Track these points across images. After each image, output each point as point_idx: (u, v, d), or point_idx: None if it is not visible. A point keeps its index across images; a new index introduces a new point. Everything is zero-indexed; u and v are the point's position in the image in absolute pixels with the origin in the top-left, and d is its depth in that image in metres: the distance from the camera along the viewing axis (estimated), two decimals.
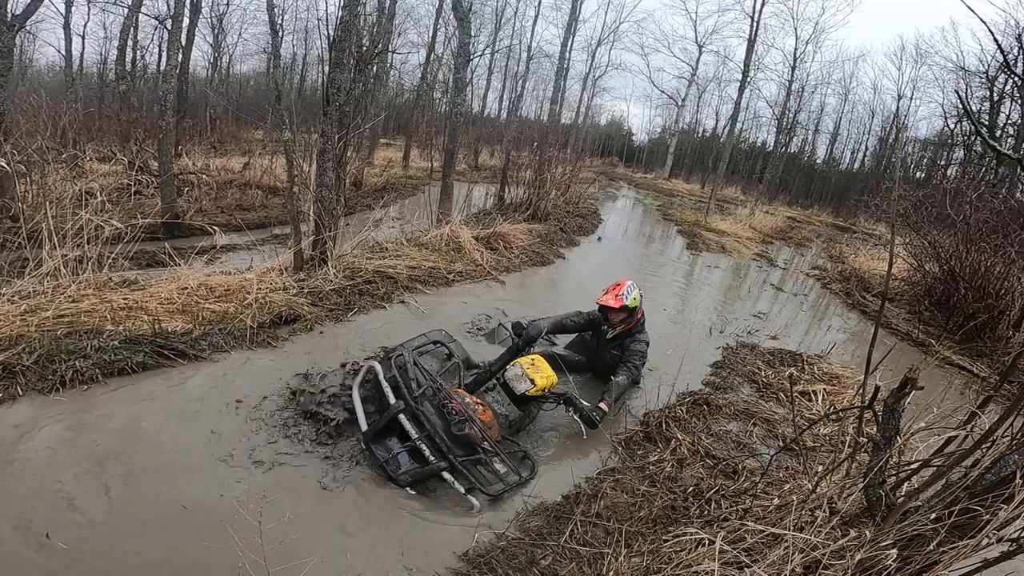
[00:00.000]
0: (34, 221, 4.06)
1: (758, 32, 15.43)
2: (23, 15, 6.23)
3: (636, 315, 3.86)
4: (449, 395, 2.73)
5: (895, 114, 24.86)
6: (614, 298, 3.79)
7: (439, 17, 19.59)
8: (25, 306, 3.44)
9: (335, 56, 4.82)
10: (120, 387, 3.03)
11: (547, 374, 3.11)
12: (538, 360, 3.19)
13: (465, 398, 2.81)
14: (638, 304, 3.85)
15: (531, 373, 3.06)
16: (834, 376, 4.57)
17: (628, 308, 3.78)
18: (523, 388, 3.03)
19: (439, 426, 2.61)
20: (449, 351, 3.31)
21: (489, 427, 2.74)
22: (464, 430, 2.60)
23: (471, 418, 2.66)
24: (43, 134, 5.81)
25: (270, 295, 4.28)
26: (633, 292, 3.82)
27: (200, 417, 2.89)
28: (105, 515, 2.18)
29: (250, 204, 8.57)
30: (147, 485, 2.37)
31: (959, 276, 6.76)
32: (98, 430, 2.67)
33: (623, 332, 3.87)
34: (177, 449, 2.63)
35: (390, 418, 2.61)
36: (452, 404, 2.67)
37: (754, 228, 13.88)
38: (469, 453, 2.61)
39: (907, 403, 1.87)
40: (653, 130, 38.12)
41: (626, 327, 3.85)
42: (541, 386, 3.06)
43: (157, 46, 16.71)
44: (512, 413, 3.07)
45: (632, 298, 3.79)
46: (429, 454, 2.52)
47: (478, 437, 2.63)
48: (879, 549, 1.50)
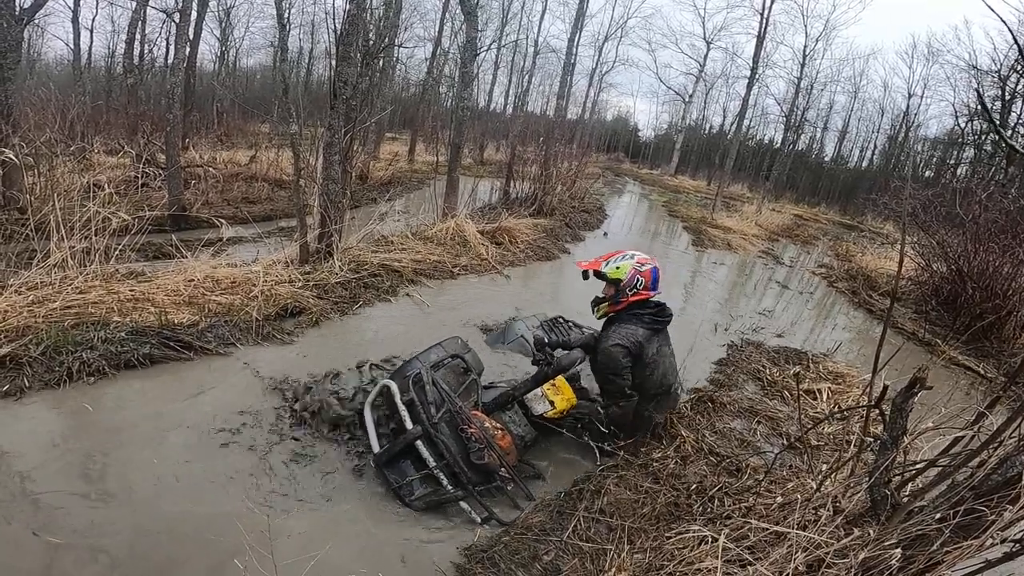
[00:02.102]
0: (42, 213, 4.08)
1: (767, 29, 15.32)
2: (31, 8, 6.27)
3: (624, 293, 2.96)
4: (468, 419, 2.59)
5: (905, 112, 24.67)
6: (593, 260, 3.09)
7: (445, 11, 19.58)
8: (32, 297, 3.46)
9: (342, 50, 4.82)
10: (127, 379, 3.05)
11: (567, 395, 2.95)
12: (559, 381, 2.99)
13: (484, 422, 2.67)
14: (620, 277, 2.93)
15: (551, 395, 2.91)
16: (839, 375, 4.55)
17: (605, 276, 2.97)
18: (542, 410, 2.91)
19: (456, 451, 2.50)
20: (466, 364, 3.09)
21: (508, 453, 2.63)
22: (484, 459, 2.47)
23: (490, 444, 2.53)
24: (51, 127, 5.84)
25: (276, 288, 4.30)
26: (621, 262, 2.96)
27: (206, 411, 2.91)
28: (112, 509, 2.20)
29: (256, 197, 8.60)
30: (153, 479, 2.39)
31: (967, 276, 6.71)
32: (104, 422, 2.70)
33: (609, 313, 3.07)
34: (183, 444, 2.65)
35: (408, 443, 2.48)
36: (471, 430, 2.53)
37: (760, 225, 13.82)
38: (486, 481, 2.52)
39: (914, 403, 1.86)
40: (659, 126, 37.99)
41: (612, 307, 3.02)
42: (561, 408, 2.91)
43: (165, 40, 16.77)
44: (528, 434, 2.93)
45: (615, 267, 2.95)
46: (447, 483, 2.42)
47: (497, 465, 2.52)
48: (883, 548, 1.50)
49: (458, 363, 3.05)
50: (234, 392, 3.09)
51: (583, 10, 16.81)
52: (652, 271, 2.98)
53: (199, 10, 11.60)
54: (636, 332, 2.91)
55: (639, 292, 2.95)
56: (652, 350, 2.98)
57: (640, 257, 2.99)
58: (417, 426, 2.50)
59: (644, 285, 2.95)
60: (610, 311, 3.03)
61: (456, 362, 3.04)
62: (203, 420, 2.81)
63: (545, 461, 3.04)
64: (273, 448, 2.70)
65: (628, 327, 2.93)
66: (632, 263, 2.94)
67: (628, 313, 2.97)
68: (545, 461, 3.04)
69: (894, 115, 25.92)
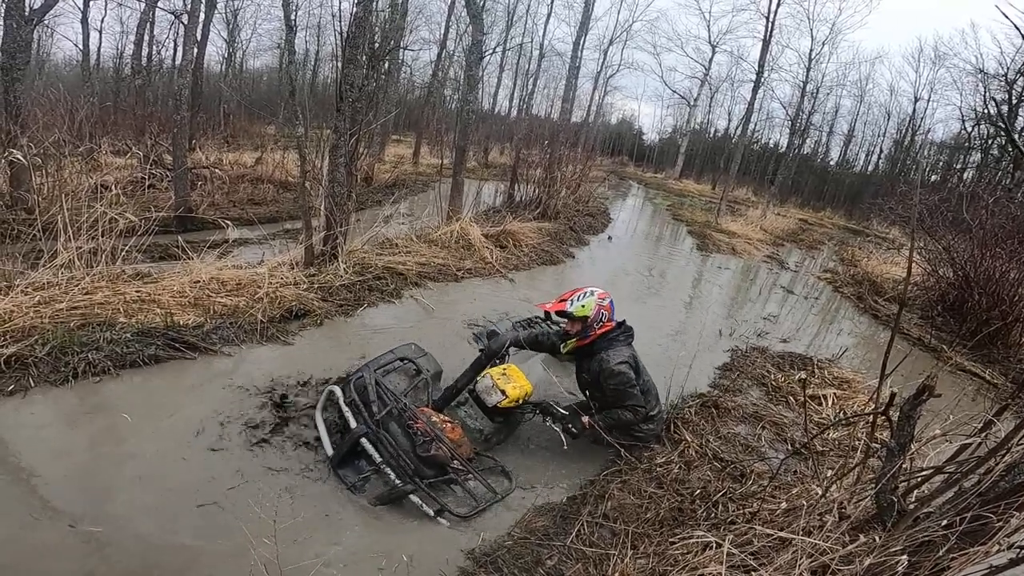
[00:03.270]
0: (49, 213, 4.10)
1: (773, 32, 15.28)
2: (41, 9, 6.32)
3: (591, 328, 3.14)
4: (414, 415, 2.65)
5: (911, 116, 24.58)
6: (555, 302, 3.22)
7: (451, 14, 19.60)
8: (39, 298, 3.48)
9: (349, 53, 4.83)
10: (132, 379, 3.06)
11: (520, 383, 2.98)
12: (511, 370, 3.05)
13: (432, 416, 2.73)
14: (587, 314, 3.08)
15: (502, 384, 2.93)
16: (845, 380, 4.53)
17: (570, 315, 3.10)
18: (494, 400, 2.91)
19: (406, 447, 2.54)
20: (417, 367, 3.17)
21: (459, 445, 2.66)
22: (430, 451, 2.53)
23: (439, 437, 2.58)
24: (60, 128, 5.88)
25: (281, 289, 4.31)
26: (585, 300, 3.12)
27: (210, 411, 2.92)
28: (119, 508, 2.20)
29: (262, 199, 8.63)
30: (160, 479, 2.40)
31: (973, 281, 6.68)
32: (110, 423, 2.71)
33: (579, 348, 3.22)
34: (187, 444, 2.66)
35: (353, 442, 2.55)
36: (417, 424, 2.59)
37: (765, 230, 13.79)
38: (440, 474, 2.55)
39: (922, 410, 1.85)
40: (664, 129, 37.91)
41: (580, 341, 3.17)
42: (514, 396, 2.92)
43: (172, 41, 16.86)
44: (487, 427, 2.98)
45: (580, 305, 3.10)
46: (395, 477, 2.45)
47: (447, 457, 2.55)
48: (889, 555, 1.48)
49: (409, 366, 3.15)
50: (238, 393, 3.10)
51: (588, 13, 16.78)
52: (611, 304, 3.21)
53: (207, 12, 11.67)
54: (626, 350, 3.14)
55: (604, 324, 3.16)
56: (641, 363, 3.24)
57: (599, 292, 3.19)
58: (360, 425, 2.57)
59: (607, 317, 3.17)
60: (579, 345, 3.19)
61: (407, 365, 3.15)
62: (207, 420, 2.82)
63: (546, 464, 3.04)
64: (277, 449, 2.71)
65: (618, 349, 3.11)
66: (595, 299, 3.13)
67: (604, 340, 3.15)
68: (546, 464, 3.04)
69: (900, 119, 25.82)
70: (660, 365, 4.46)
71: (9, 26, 5.83)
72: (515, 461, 3.02)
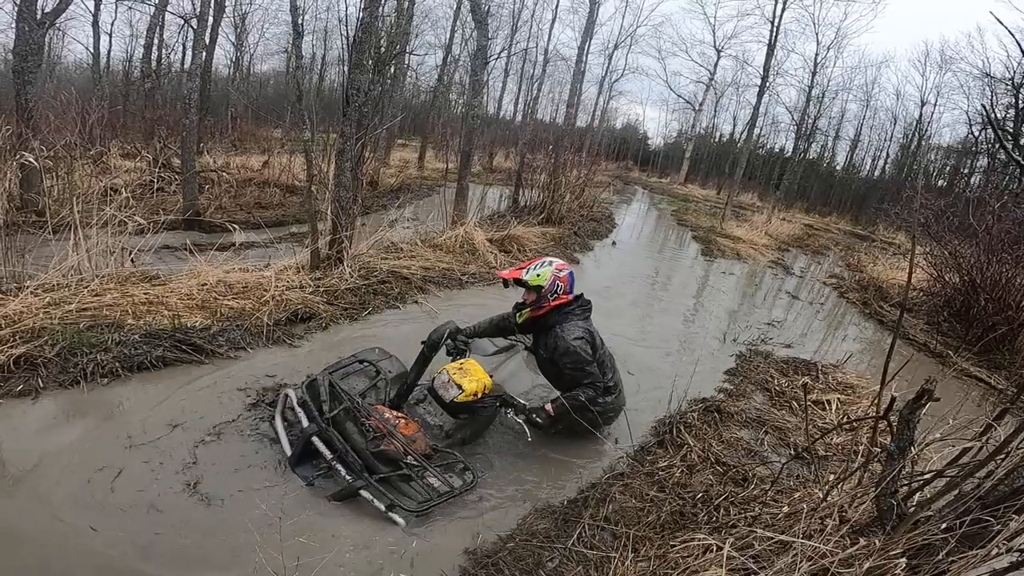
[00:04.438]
0: (59, 216, 4.16)
1: (778, 37, 15.30)
2: (53, 13, 6.40)
3: (545, 299, 3.07)
4: (367, 412, 2.66)
5: (918, 121, 24.50)
6: (513, 269, 3.18)
7: (456, 19, 19.73)
8: (49, 299, 3.53)
9: (355, 58, 4.88)
10: (140, 381, 3.10)
11: (477, 377, 2.92)
12: (468, 364, 2.99)
13: (385, 413, 2.73)
14: (542, 283, 3.04)
15: (458, 378, 2.87)
16: (849, 386, 4.52)
17: (526, 284, 3.07)
18: (451, 395, 2.85)
19: (360, 445, 2.55)
20: (377, 369, 3.18)
21: (413, 440, 2.64)
22: (380, 446, 2.53)
23: (391, 433, 2.57)
24: (71, 131, 5.95)
25: (287, 293, 4.35)
26: (541, 269, 3.07)
27: (215, 412, 2.95)
28: (126, 507, 2.23)
29: (268, 202, 8.71)
30: (161, 479, 2.42)
31: (980, 287, 6.64)
32: (118, 423, 2.74)
33: (534, 317, 3.16)
34: (192, 445, 2.69)
35: (306, 441, 2.57)
36: (370, 421, 2.60)
37: (770, 235, 13.77)
38: (394, 469, 2.54)
39: (922, 414, 1.86)
40: (669, 134, 37.98)
41: (534, 312, 3.12)
42: (470, 390, 2.85)
43: (181, 44, 17.02)
44: (446, 423, 2.96)
45: (536, 274, 3.05)
46: (345, 474, 2.46)
47: (399, 452, 2.54)
48: (888, 558, 1.49)
49: (368, 367, 3.16)
50: (242, 395, 3.13)
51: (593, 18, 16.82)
52: (569, 275, 3.14)
53: (215, 16, 11.79)
54: (581, 324, 3.09)
55: (559, 296, 3.10)
56: (598, 336, 3.18)
57: (558, 263, 3.14)
58: (312, 424, 2.59)
59: (563, 290, 3.10)
60: (533, 315, 3.14)
61: (365, 367, 3.16)
62: (213, 421, 2.85)
63: (548, 466, 3.05)
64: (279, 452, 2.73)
65: (572, 323, 3.07)
66: (551, 269, 3.08)
67: (559, 313, 3.10)
68: (548, 466, 3.05)
69: (907, 123, 25.76)
70: (663, 370, 4.48)
71: (21, 29, 5.92)
72: (514, 462, 3.03)
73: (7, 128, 4.64)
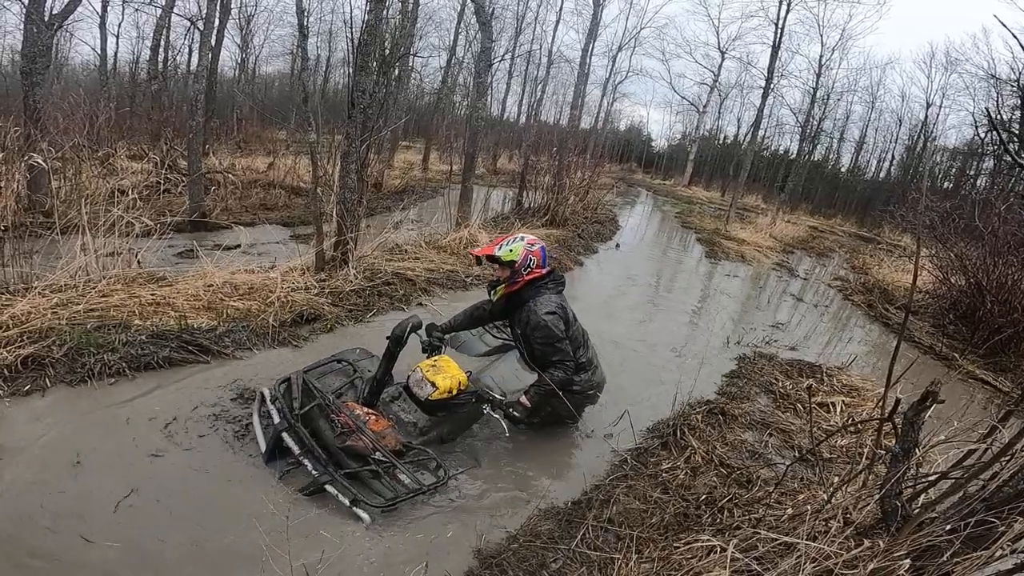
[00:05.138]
0: (67, 217, 4.20)
1: (782, 38, 15.27)
2: (61, 14, 6.44)
3: (519, 274, 3.06)
4: (338, 408, 2.67)
5: (923, 122, 24.41)
6: (485, 247, 3.16)
7: (460, 21, 19.78)
8: (56, 300, 3.56)
9: (360, 60, 4.90)
10: (147, 381, 3.12)
11: (452, 373, 2.89)
12: (442, 361, 2.97)
13: (355, 410, 2.73)
14: (515, 259, 3.03)
15: (431, 375, 2.85)
16: (853, 388, 4.51)
17: (499, 260, 3.05)
18: (426, 393, 2.83)
19: (330, 440, 2.57)
20: (354, 367, 3.20)
21: (383, 436, 2.64)
22: (346, 441, 2.53)
23: (360, 428, 2.58)
24: (79, 132, 5.99)
25: (292, 294, 4.37)
26: (513, 244, 3.06)
27: (220, 412, 2.97)
28: (130, 507, 2.25)
29: (273, 204, 8.75)
30: (167, 478, 2.44)
31: (986, 289, 6.62)
32: (124, 423, 2.76)
33: (508, 294, 3.13)
34: (197, 443, 2.71)
35: (276, 437, 2.59)
36: (340, 417, 2.62)
37: (775, 237, 13.74)
38: (363, 465, 2.53)
39: (927, 416, 1.85)
40: (673, 136, 37.89)
41: (508, 288, 3.10)
42: (444, 387, 2.83)
43: (187, 46, 17.12)
44: (420, 420, 2.96)
45: (508, 249, 3.04)
46: (311, 468, 2.47)
47: (366, 447, 2.54)
48: (892, 559, 1.49)
49: (346, 367, 3.20)
50: (245, 396, 3.14)
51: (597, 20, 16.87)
52: (541, 249, 3.13)
53: (221, 17, 11.84)
54: (554, 298, 3.09)
55: (532, 271, 3.08)
56: (571, 311, 3.18)
57: (529, 238, 3.13)
58: (282, 421, 2.62)
59: (536, 263, 3.09)
60: (507, 291, 3.12)
61: (343, 366, 3.20)
62: (219, 421, 2.87)
63: (552, 468, 3.05)
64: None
65: (545, 297, 3.05)
66: (523, 244, 3.07)
67: (532, 288, 3.08)
68: (552, 468, 3.05)
69: (912, 125, 25.65)
70: (667, 372, 4.48)
71: (29, 31, 5.96)
72: (516, 463, 3.03)
73: (16, 129, 4.68)
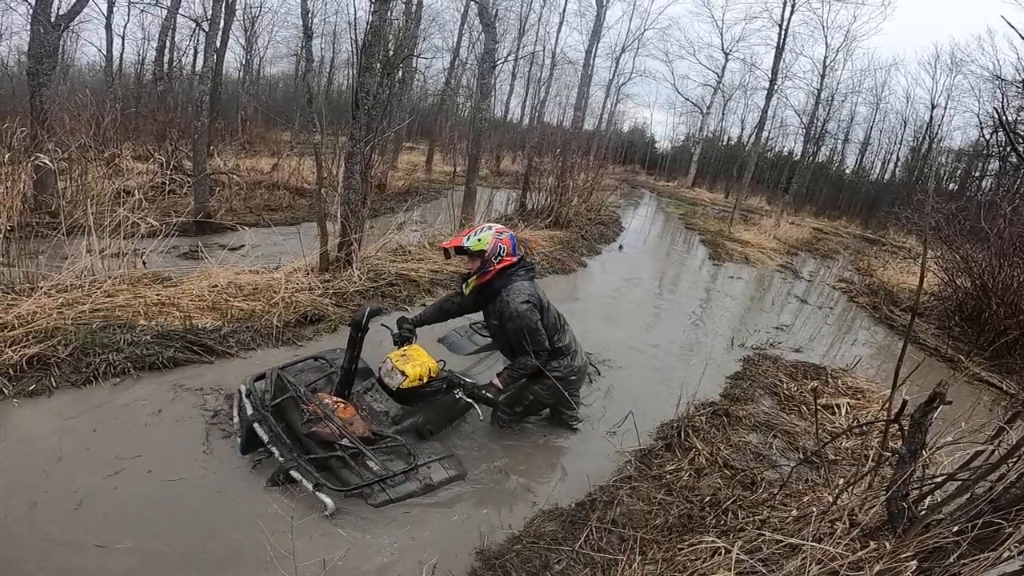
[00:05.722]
0: (73, 218, 4.22)
1: (786, 40, 15.24)
2: (68, 15, 6.48)
3: (489, 264, 3.05)
4: (308, 399, 2.72)
5: (928, 124, 24.29)
6: (453, 239, 3.13)
7: (464, 22, 19.81)
8: (62, 299, 3.58)
9: (364, 61, 4.91)
10: (152, 381, 3.13)
11: (421, 361, 2.91)
12: (411, 350, 3.00)
13: (325, 399, 2.77)
14: (484, 248, 3.01)
15: (400, 364, 2.87)
16: (859, 390, 4.49)
17: (468, 251, 3.03)
18: (396, 382, 2.85)
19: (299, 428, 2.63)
20: (331, 364, 3.25)
21: (350, 423, 2.67)
22: (312, 428, 2.58)
23: (328, 416, 2.62)
24: (86, 133, 6.02)
25: (296, 295, 4.38)
26: (481, 234, 3.04)
27: (227, 412, 2.97)
28: (134, 507, 2.26)
29: (277, 204, 8.77)
30: (177, 478, 2.45)
31: (991, 291, 6.58)
32: (128, 423, 2.77)
33: (480, 285, 3.12)
34: (207, 444, 2.71)
35: (248, 428, 2.64)
36: (309, 407, 2.66)
37: (779, 239, 13.68)
38: (329, 451, 2.57)
39: (934, 418, 1.84)
40: (677, 138, 37.75)
41: (480, 279, 3.09)
42: (414, 375, 2.85)
43: (193, 47, 17.17)
44: (392, 409, 2.98)
45: (476, 239, 3.02)
46: (278, 455, 2.51)
47: (332, 434, 2.57)
48: (899, 561, 1.48)
49: (322, 364, 3.25)
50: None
51: (600, 22, 16.86)
52: (510, 237, 3.12)
53: (226, 18, 11.89)
54: (527, 285, 3.07)
55: (503, 259, 3.07)
56: (544, 297, 3.17)
57: (497, 227, 3.13)
58: (254, 412, 2.68)
59: (506, 252, 3.08)
60: (480, 283, 3.10)
61: (319, 363, 3.25)
62: (222, 421, 2.88)
63: (555, 468, 3.05)
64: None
65: (517, 285, 3.03)
66: (492, 233, 3.05)
67: (503, 277, 3.06)
68: (555, 468, 3.05)
69: (917, 126, 25.51)
70: (671, 374, 4.47)
71: (36, 31, 5.99)
72: (519, 464, 3.03)
73: (22, 130, 4.70)
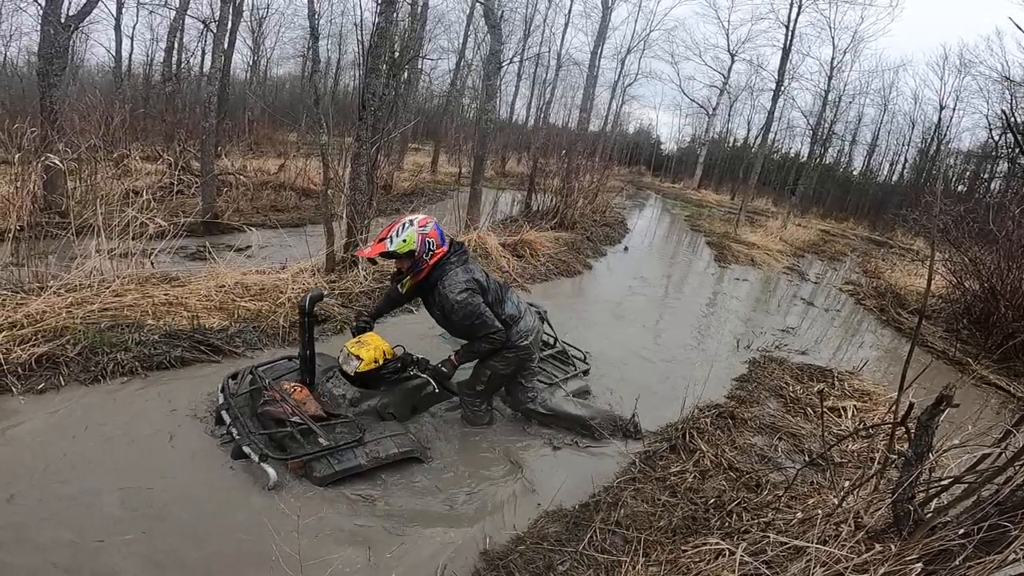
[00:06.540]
0: (82, 218, 4.25)
1: (793, 41, 15.20)
2: (78, 16, 6.53)
3: (421, 261, 2.88)
4: (270, 386, 2.85)
5: (937, 125, 24.12)
6: (375, 244, 2.90)
7: (470, 24, 19.84)
8: (71, 299, 3.61)
9: (371, 62, 4.94)
10: (159, 380, 3.16)
11: (375, 345, 3.00)
12: (365, 336, 3.08)
13: (284, 385, 2.89)
14: (412, 248, 2.82)
15: (355, 350, 2.97)
16: (865, 393, 4.47)
17: (396, 254, 2.83)
18: (353, 367, 2.95)
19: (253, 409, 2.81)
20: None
21: (303, 403, 2.78)
22: (265, 407, 2.72)
23: (283, 398, 2.75)
24: (95, 133, 6.07)
25: (302, 295, 4.39)
26: (405, 233, 2.82)
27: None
28: (140, 505, 2.27)
29: (284, 205, 8.81)
30: (183, 477, 2.47)
31: (1000, 294, 6.54)
32: (136, 422, 2.79)
33: (417, 284, 3.01)
34: (212, 443, 2.73)
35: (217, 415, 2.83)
36: (269, 392, 2.80)
37: (785, 241, 13.62)
38: (279, 426, 2.68)
39: (941, 420, 1.84)
40: (682, 139, 37.64)
41: (415, 278, 2.95)
42: (369, 358, 2.93)
43: (200, 48, 17.29)
44: (349, 391, 3.05)
45: (401, 240, 2.81)
46: (235, 435, 2.64)
47: (284, 412, 2.69)
48: (904, 563, 1.48)
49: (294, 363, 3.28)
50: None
51: (606, 23, 16.89)
52: (435, 227, 2.93)
53: (234, 19, 11.96)
54: (460, 272, 2.92)
55: (434, 253, 2.90)
56: (483, 277, 3.02)
57: (419, 219, 2.90)
58: (225, 401, 2.83)
59: (436, 244, 2.91)
60: (415, 282, 2.98)
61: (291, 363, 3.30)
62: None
63: (558, 469, 3.05)
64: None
65: (452, 275, 2.90)
66: (415, 229, 2.84)
67: (438, 269, 2.93)
68: (558, 469, 3.05)
69: (925, 128, 25.32)
70: (676, 376, 4.46)
71: (46, 32, 6.04)
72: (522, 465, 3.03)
73: (33, 130, 4.75)
